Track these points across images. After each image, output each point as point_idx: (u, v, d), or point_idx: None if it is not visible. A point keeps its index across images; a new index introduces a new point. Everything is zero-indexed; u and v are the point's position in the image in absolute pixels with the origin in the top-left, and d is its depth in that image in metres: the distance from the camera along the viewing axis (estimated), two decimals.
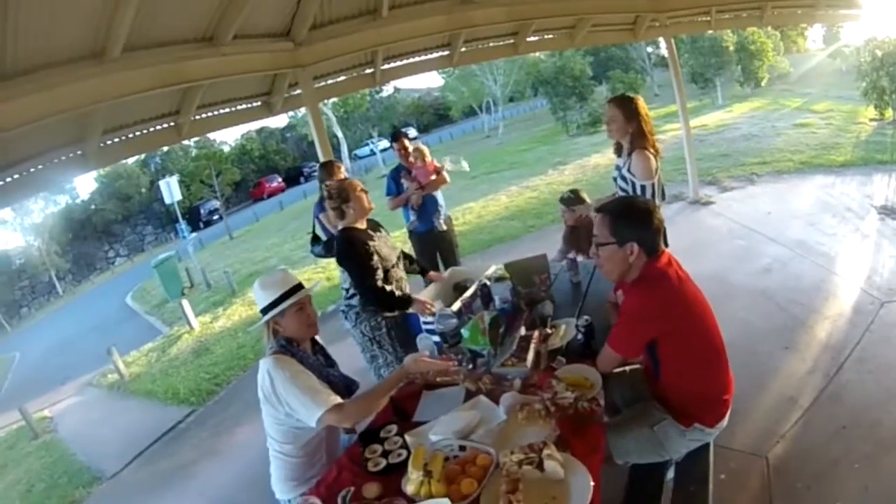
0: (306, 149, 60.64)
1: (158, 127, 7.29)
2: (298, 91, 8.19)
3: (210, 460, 7.75)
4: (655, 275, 3.27)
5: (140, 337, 16.80)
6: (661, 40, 17.38)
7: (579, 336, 3.71)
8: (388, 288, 4.77)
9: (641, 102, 4.97)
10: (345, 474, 3.15)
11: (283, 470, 3.61)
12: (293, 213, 35.10)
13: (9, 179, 5.97)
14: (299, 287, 3.62)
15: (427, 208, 7.48)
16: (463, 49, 9.62)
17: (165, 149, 54.97)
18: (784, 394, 5.30)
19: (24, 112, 4.89)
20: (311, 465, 3.56)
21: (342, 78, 8.94)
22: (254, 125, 61.30)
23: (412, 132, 54.59)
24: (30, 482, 9.97)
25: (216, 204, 45.80)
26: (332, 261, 5.19)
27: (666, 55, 15.08)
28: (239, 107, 8.14)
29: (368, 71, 9.07)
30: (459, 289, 5.11)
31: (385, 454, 3.14)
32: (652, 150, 4.83)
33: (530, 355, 3.62)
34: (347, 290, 5.14)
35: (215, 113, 7.87)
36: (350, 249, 4.79)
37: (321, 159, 7.32)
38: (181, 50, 5.96)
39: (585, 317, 3.75)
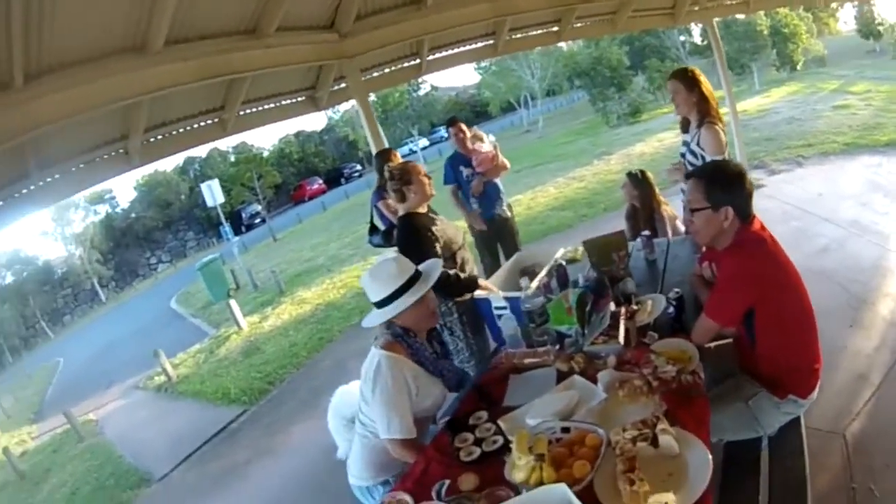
0: (345, 150, 61.14)
1: (202, 123, 7.18)
2: (344, 84, 8.12)
3: (264, 460, 7.64)
4: (752, 239, 3.19)
5: (186, 339, 16.86)
6: (694, 28, 17.04)
7: (670, 309, 3.56)
8: (452, 272, 4.62)
9: (699, 72, 4.97)
10: (434, 466, 2.94)
11: (366, 453, 3.48)
12: (336, 214, 35.25)
13: (49, 179, 5.92)
14: (417, 276, 3.42)
15: (489, 195, 7.25)
16: (507, 38, 9.44)
17: (204, 154, 55.69)
18: (854, 371, 5.15)
19: (63, 107, 4.80)
20: None
21: (388, 70, 8.80)
22: (291, 128, 61.51)
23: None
24: (75, 485, 10.02)
25: (257, 207, 46.49)
26: (391, 251, 5.02)
27: (699, 42, 14.78)
28: (284, 102, 8.02)
29: (413, 62, 8.94)
30: (527, 273, 4.96)
31: (478, 442, 2.95)
32: (720, 124, 4.81)
33: (621, 331, 3.45)
34: None
35: (260, 108, 7.73)
36: (413, 236, 4.65)
37: (374, 150, 7.20)
38: (224, 42, 5.84)
39: (675, 289, 3.61)
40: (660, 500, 2.13)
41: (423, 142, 49.81)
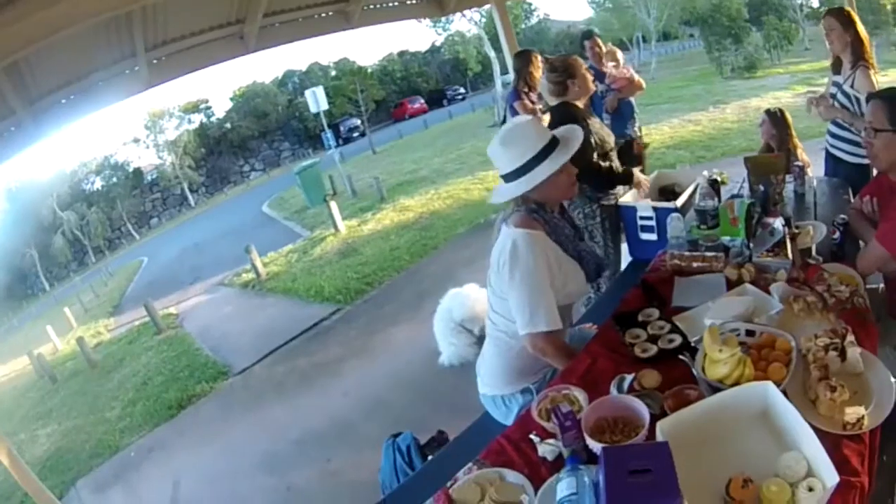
0: (449, 73, 60.66)
1: (324, 14, 7.05)
2: None
3: (358, 359, 7.55)
4: None
5: (278, 241, 16.94)
6: None
7: (836, 235, 3.33)
8: (604, 164, 4.43)
9: (854, 14, 4.97)
10: (602, 362, 2.67)
11: (503, 356, 3.07)
12: (439, 132, 34.69)
13: (155, 61, 5.91)
14: (555, 141, 2.94)
15: (622, 113, 6.91)
16: None
17: (304, 67, 55.98)
18: None
19: None
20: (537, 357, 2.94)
21: None
22: (395, 46, 61.07)
23: None
24: (147, 375, 10.25)
25: (356, 122, 47.31)
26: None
27: (815, 6, 14.06)
28: (409, 1, 7.84)
29: None
30: (666, 192, 4.77)
31: (652, 339, 2.67)
32: (874, 70, 4.69)
33: (789, 249, 3.20)
34: None
35: (385, 5, 7.55)
36: (572, 122, 4.18)
37: (510, 53, 6.99)
38: None
39: (842, 216, 3.38)
40: (858, 412, 2.01)
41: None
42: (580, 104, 4.52)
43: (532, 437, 2.23)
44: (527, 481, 2.03)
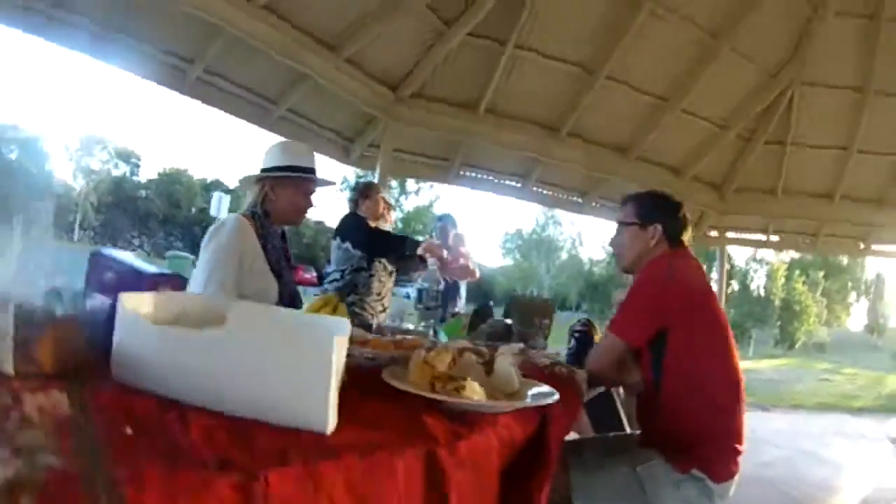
0: None
1: (251, 100, 7.17)
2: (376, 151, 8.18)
3: None
4: (677, 254, 2.85)
5: None
6: None
7: (572, 342, 3.19)
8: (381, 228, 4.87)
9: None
10: None
11: None
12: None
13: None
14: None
15: (447, 293, 6.40)
16: (534, 187, 9.62)
17: (232, 185, 56.27)
18: None
19: None
20: None
21: (419, 160, 8.96)
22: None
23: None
24: None
25: None
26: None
27: None
28: (324, 134, 8.08)
29: (443, 163, 9.05)
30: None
31: None
32: None
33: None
34: (328, 276, 5.02)
35: (299, 125, 7.70)
36: (354, 221, 4.97)
37: None
38: (303, 37, 6.19)
39: (581, 318, 3.34)
40: (460, 385, 1.62)
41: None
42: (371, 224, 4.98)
43: None
44: None
